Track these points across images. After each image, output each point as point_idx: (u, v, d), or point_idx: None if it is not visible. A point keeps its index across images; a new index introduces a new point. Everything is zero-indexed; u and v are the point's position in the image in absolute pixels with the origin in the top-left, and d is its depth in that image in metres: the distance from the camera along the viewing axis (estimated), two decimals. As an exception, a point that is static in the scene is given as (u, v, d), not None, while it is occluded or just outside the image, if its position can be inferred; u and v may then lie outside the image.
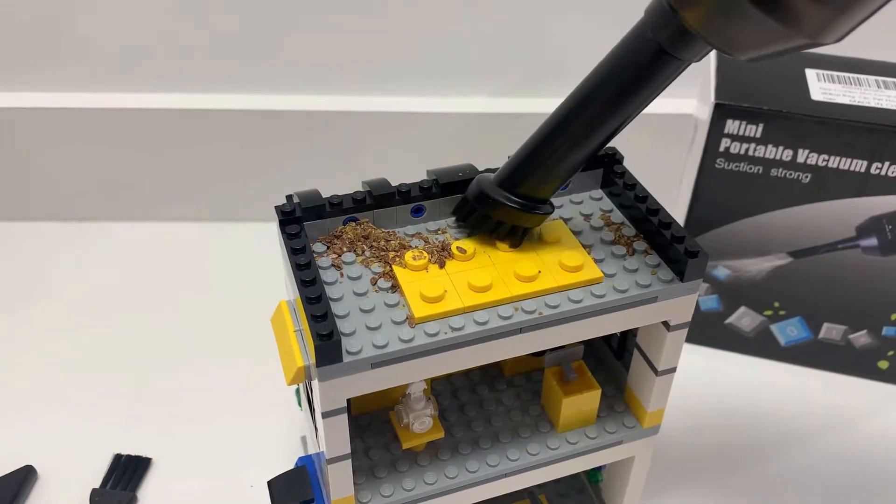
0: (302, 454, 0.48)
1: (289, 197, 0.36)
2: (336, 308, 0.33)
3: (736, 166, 0.49)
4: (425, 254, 0.34)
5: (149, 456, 0.49)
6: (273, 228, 0.37)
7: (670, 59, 0.30)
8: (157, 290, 0.62)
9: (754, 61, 0.28)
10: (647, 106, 0.32)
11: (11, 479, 0.47)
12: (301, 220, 0.35)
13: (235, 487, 0.48)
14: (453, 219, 0.37)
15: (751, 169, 0.49)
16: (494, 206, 0.34)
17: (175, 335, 0.58)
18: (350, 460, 0.34)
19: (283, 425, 0.52)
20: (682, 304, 0.35)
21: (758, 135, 0.48)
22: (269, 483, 0.40)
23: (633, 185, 0.38)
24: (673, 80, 0.31)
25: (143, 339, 0.58)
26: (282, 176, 0.65)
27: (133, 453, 0.49)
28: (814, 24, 0.25)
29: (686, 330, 0.36)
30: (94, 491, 0.47)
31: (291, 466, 0.39)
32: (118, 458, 0.49)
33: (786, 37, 0.26)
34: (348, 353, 0.31)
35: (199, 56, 0.63)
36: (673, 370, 0.38)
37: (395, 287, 0.34)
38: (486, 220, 0.35)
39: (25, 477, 0.47)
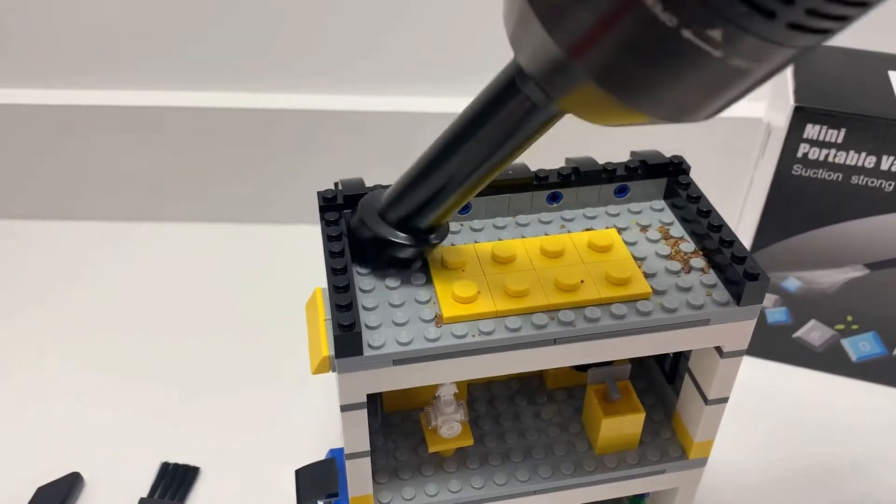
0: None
1: (335, 184, 0.36)
2: (365, 300, 0.32)
3: (814, 173, 0.47)
4: (463, 252, 0.33)
5: (197, 465, 0.48)
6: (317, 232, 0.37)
7: (539, 111, 0.27)
8: (200, 293, 0.61)
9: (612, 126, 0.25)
10: (529, 145, 0.29)
11: (58, 486, 0.46)
12: (342, 207, 0.34)
13: (286, 497, 0.46)
14: (498, 218, 0.36)
15: (830, 176, 0.46)
16: (371, 237, 0.32)
17: (220, 340, 0.57)
18: (369, 458, 0.33)
19: (332, 428, 0.51)
20: (738, 330, 0.32)
21: (839, 140, 0.45)
22: (297, 472, 0.39)
23: (698, 197, 0.35)
24: (548, 128, 0.28)
25: (187, 344, 0.57)
26: (329, 179, 0.64)
27: (181, 462, 0.48)
28: (670, 111, 0.23)
29: (741, 358, 0.33)
30: (142, 500, 0.46)
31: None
32: (165, 467, 0.48)
33: (641, 119, 0.23)
34: (370, 346, 0.30)
35: (241, 54, 0.62)
36: (724, 400, 0.35)
37: (428, 283, 0.32)
38: (366, 249, 0.33)
39: (72, 484, 0.46)
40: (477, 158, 0.29)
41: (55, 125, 0.64)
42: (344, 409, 0.31)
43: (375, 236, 0.32)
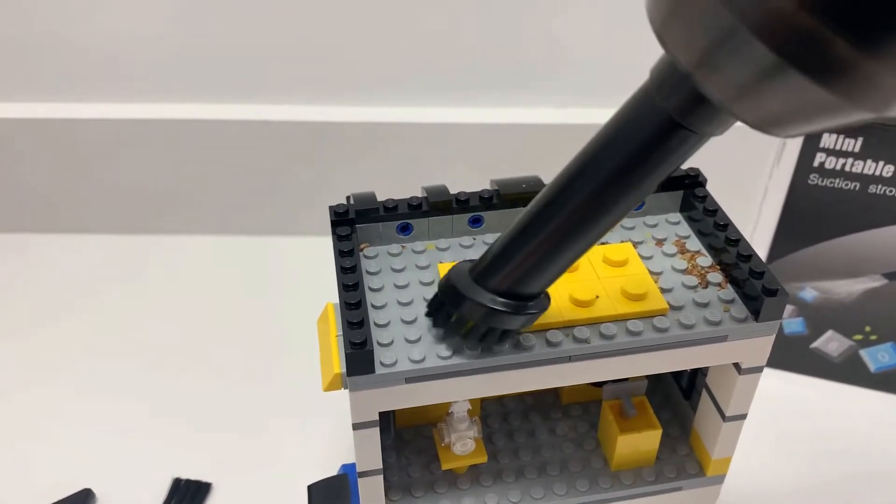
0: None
1: (348, 198, 0.35)
2: (377, 316, 0.31)
3: (831, 182, 0.46)
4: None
5: (209, 480, 0.48)
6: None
7: (685, 133, 0.23)
8: (213, 306, 0.61)
9: (791, 137, 0.22)
10: (658, 184, 0.26)
11: (70, 503, 0.46)
12: (354, 222, 0.34)
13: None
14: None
15: (847, 185, 0.46)
16: (467, 307, 0.28)
17: (232, 354, 0.57)
18: (381, 476, 0.33)
19: (344, 443, 0.50)
20: (756, 346, 0.31)
21: (856, 149, 0.45)
22: (309, 488, 0.39)
23: (715, 210, 0.34)
24: (691, 154, 0.25)
25: (200, 357, 0.56)
26: (344, 189, 0.63)
27: (193, 477, 0.48)
28: (884, 95, 0.19)
29: (760, 374, 0.33)
30: None
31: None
32: (177, 483, 0.47)
33: (841, 111, 0.20)
34: (382, 364, 0.29)
35: (258, 66, 0.62)
36: (743, 417, 0.34)
37: (441, 300, 0.32)
38: (460, 321, 0.29)
39: (84, 500, 0.46)
40: (612, 200, 0.26)
41: (66, 139, 0.64)
42: (356, 427, 0.30)
43: (471, 305, 0.28)
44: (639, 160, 0.25)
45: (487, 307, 0.28)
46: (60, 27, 0.60)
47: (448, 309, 0.29)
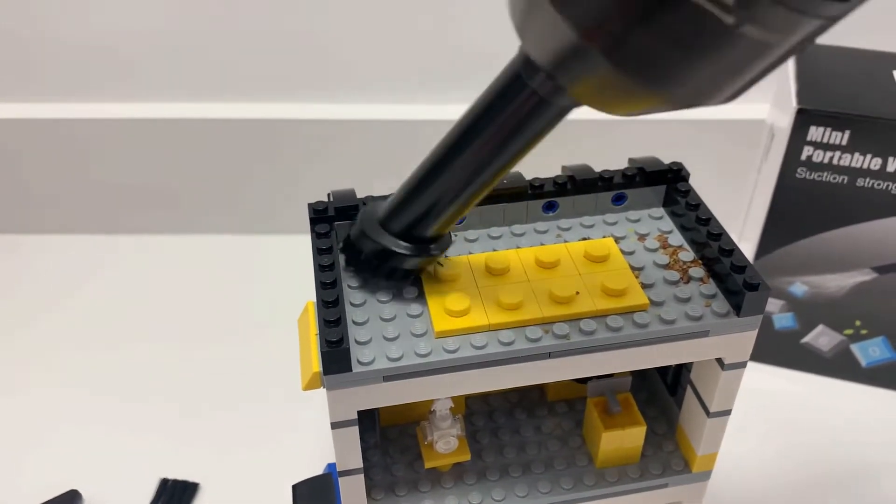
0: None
1: (328, 195, 0.35)
2: (355, 314, 0.31)
3: (819, 176, 0.46)
4: (456, 263, 0.32)
5: (196, 480, 0.48)
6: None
7: (548, 105, 0.26)
8: (200, 306, 0.61)
9: (626, 117, 0.24)
10: (536, 144, 0.28)
11: None
12: (333, 219, 0.34)
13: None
14: (493, 228, 0.35)
15: (835, 179, 0.46)
16: (373, 248, 0.31)
17: (219, 354, 0.56)
18: (362, 475, 0.32)
19: (330, 442, 0.50)
20: (738, 342, 0.31)
21: (844, 142, 0.44)
22: (294, 487, 0.39)
23: (697, 205, 0.34)
24: (559, 120, 0.27)
25: (187, 358, 0.56)
26: (327, 186, 0.63)
27: (180, 477, 0.48)
28: (689, 93, 0.22)
29: (744, 370, 0.33)
30: None
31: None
32: (165, 483, 0.47)
33: (660, 102, 0.22)
34: (360, 362, 0.29)
35: (238, 65, 0.62)
36: (727, 412, 0.34)
37: (420, 297, 0.32)
38: (367, 260, 0.31)
39: (71, 502, 0.46)
40: (481, 161, 0.28)
41: (55, 139, 0.64)
42: (334, 426, 0.30)
43: (376, 247, 0.31)
44: (510, 127, 0.27)
45: (390, 249, 0.31)
46: (51, 27, 0.60)
47: (358, 249, 0.32)
